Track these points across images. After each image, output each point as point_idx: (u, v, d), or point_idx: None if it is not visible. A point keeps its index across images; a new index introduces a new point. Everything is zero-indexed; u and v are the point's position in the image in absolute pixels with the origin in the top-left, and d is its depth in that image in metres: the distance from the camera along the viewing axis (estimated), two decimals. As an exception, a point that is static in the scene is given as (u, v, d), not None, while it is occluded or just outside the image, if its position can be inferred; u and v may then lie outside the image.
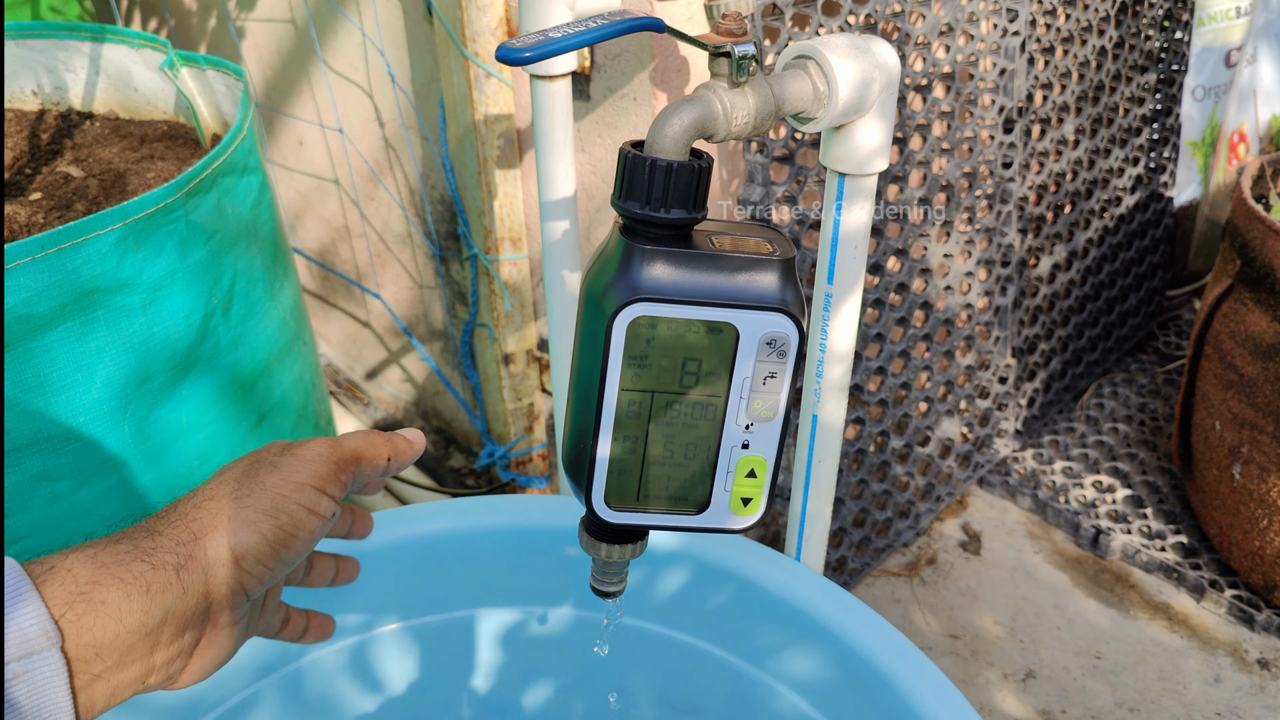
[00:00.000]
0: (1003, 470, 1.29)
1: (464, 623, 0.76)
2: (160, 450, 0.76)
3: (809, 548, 0.73)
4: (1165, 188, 1.45)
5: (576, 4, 0.67)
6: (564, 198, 0.74)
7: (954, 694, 0.62)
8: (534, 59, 0.40)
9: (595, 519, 0.43)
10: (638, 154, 0.39)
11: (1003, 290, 1.20)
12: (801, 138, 0.89)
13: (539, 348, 1.12)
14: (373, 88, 1.12)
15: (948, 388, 1.18)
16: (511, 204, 1.02)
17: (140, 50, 0.91)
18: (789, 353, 0.40)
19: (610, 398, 0.40)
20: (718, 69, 0.46)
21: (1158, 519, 1.22)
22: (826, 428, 0.69)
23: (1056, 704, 1.02)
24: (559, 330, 0.79)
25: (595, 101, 0.89)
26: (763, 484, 0.43)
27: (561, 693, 0.79)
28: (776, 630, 0.70)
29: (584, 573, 0.72)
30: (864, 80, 0.54)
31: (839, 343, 0.65)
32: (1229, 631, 1.09)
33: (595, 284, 0.39)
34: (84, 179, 0.85)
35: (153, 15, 1.37)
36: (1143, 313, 1.50)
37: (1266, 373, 1.02)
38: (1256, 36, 1.43)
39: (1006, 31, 1.06)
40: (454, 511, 0.75)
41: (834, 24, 0.86)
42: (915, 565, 1.17)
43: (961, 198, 1.08)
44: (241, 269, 0.81)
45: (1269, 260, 1.00)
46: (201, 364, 0.78)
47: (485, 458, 1.19)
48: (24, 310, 0.65)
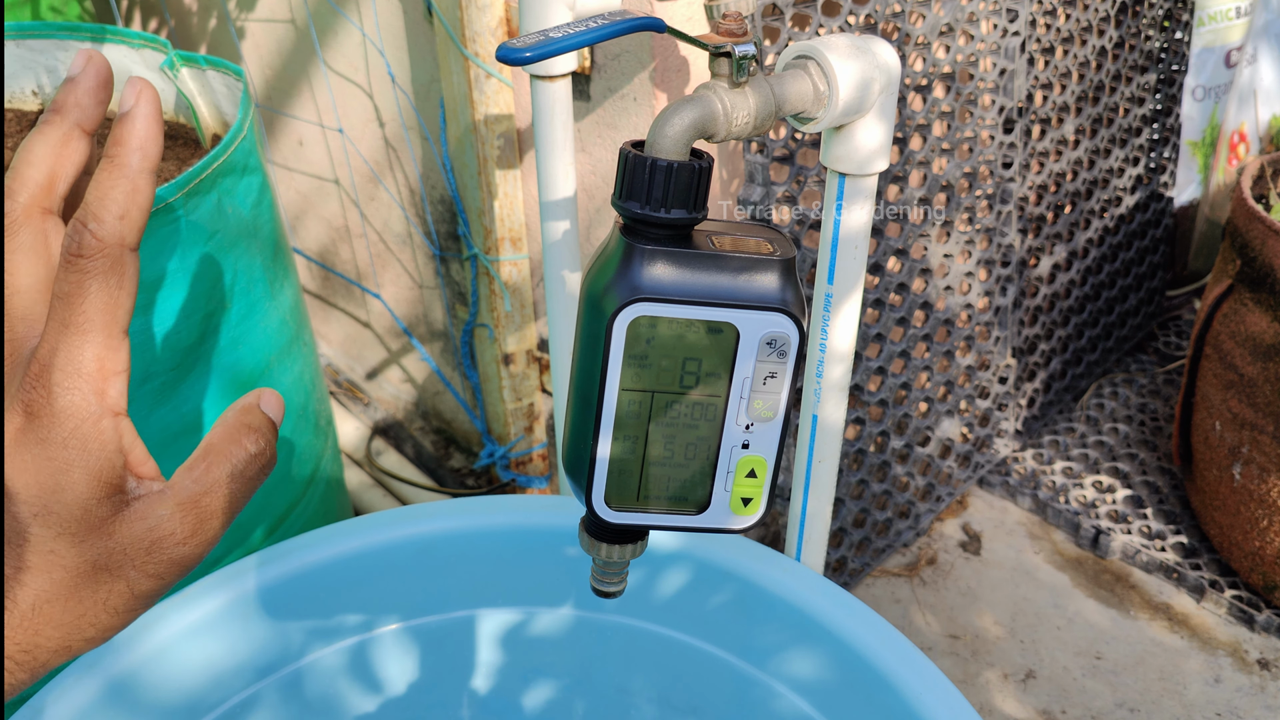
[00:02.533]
0: (1003, 470, 1.29)
1: (464, 623, 0.76)
2: (160, 450, 0.76)
3: (809, 548, 0.73)
4: (1165, 188, 1.45)
5: (576, 4, 0.67)
6: (564, 198, 0.74)
7: (954, 694, 0.62)
8: (534, 59, 0.40)
9: (595, 519, 0.43)
10: (638, 154, 0.39)
11: (1003, 290, 1.20)
12: (801, 138, 0.89)
13: (539, 348, 1.12)
14: (373, 88, 1.12)
15: (948, 388, 1.18)
16: (511, 204, 1.02)
17: (140, 50, 0.91)
18: (789, 353, 0.40)
19: (610, 398, 0.40)
20: (718, 69, 0.46)
21: (1158, 519, 1.22)
22: (826, 428, 0.69)
23: (1056, 704, 1.02)
24: (559, 330, 0.79)
25: (595, 101, 0.89)
26: (763, 484, 0.43)
27: (561, 693, 0.79)
28: (776, 630, 0.70)
29: (584, 573, 0.72)
30: (864, 80, 0.54)
31: (839, 343, 0.65)
32: (1229, 632, 1.09)
33: (595, 284, 0.39)
34: (84, 179, 0.85)
35: (153, 15, 1.37)
36: (1143, 313, 1.50)
37: (1266, 373, 1.02)
38: (1256, 36, 1.43)
39: (1006, 31, 1.06)
40: (454, 511, 0.75)
41: (834, 24, 0.86)
42: (915, 565, 1.17)
43: (961, 198, 1.08)
44: (241, 269, 0.81)
45: (1269, 260, 1.00)
46: (201, 364, 0.78)
47: (485, 458, 1.19)
48: (24, 310, 0.65)
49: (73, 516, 0.33)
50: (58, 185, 0.34)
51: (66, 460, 0.32)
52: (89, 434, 0.33)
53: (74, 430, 0.32)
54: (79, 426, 0.32)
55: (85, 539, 0.33)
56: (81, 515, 0.33)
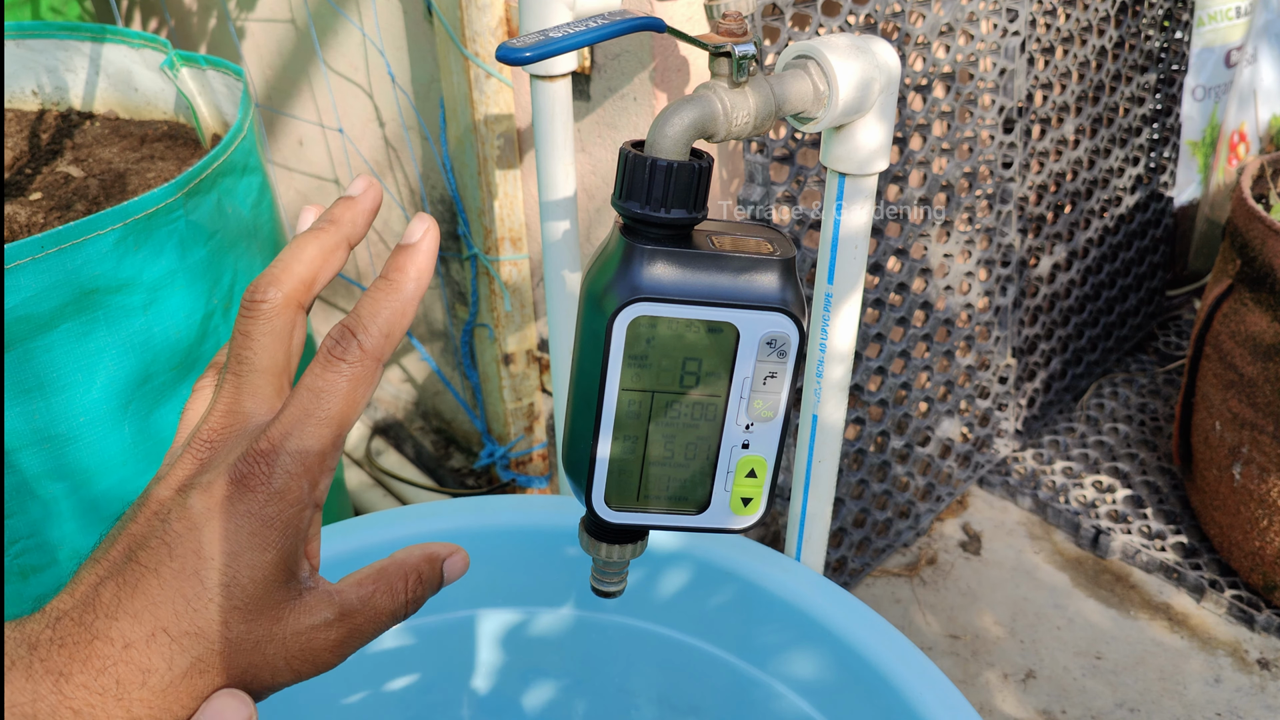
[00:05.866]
0: (1003, 470, 1.29)
1: (464, 623, 0.76)
2: (160, 450, 0.76)
3: (809, 548, 0.73)
4: (1165, 188, 1.45)
5: (576, 4, 0.67)
6: (564, 198, 0.74)
7: (954, 694, 0.62)
8: (534, 59, 0.40)
9: (595, 519, 0.43)
10: (638, 154, 0.39)
11: (1003, 290, 1.20)
12: (801, 138, 0.89)
13: (539, 348, 1.12)
14: (373, 88, 1.12)
15: (948, 388, 1.18)
16: (511, 204, 1.02)
17: (140, 50, 0.91)
18: (789, 353, 0.40)
19: (610, 398, 0.40)
20: (718, 69, 0.46)
21: (1158, 519, 1.22)
22: (826, 428, 0.69)
23: (1056, 704, 1.02)
24: (559, 330, 0.79)
25: (595, 101, 0.89)
26: (763, 484, 0.43)
27: (561, 693, 0.79)
28: (776, 630, 0.70)
29: (584, 573, 0.72)
30: (864, 80, 0.54)
31: (839, 343, 0.65)
32: (1229, 632, 1.09)
33: (595, 284, 0.39)
34: (84, 179, 0.85)
35: (153, 15, 1.37)
36: (1143, 313, 1.50)
37: (1266, 373, 1.02)
38: (1256, 36, 1.43)
39: (1006, 31, 1.06)
40: (454, 511, 0.75)
41: (834, 24, 0.86)
42: (915, 565, 1.17)
43: (961, 198, 1.08)
44: (242, 269, 0.81)
45: (1269, 260, 1.00)
46: (202, 364, 0.78)
47: (485, 458, 1.19)
48: (24, 310, 0.65)
49: (255, 594, 0.33)
50: (316, 286, 0.36)
51: (266, 539, 0.33)
52: (293, 519, 0.33)
53: (281, 512, 0.33)
54: (286, 510, 0.33)
55: (257, 619, 0.33)
56: (263, 594, 0.33)
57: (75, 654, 0.31)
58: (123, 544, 0.33)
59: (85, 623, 0.31)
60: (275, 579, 0.33)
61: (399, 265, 0.35)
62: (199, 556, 0.32)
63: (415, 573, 0.38)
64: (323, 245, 0.36)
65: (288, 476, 0.33)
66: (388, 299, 0.35)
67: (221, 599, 0.32)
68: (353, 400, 0.34)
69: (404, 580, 0.38)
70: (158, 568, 0.32)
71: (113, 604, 0.32)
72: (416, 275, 0.35)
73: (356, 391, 0.34)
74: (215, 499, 0.33)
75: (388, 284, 0.35)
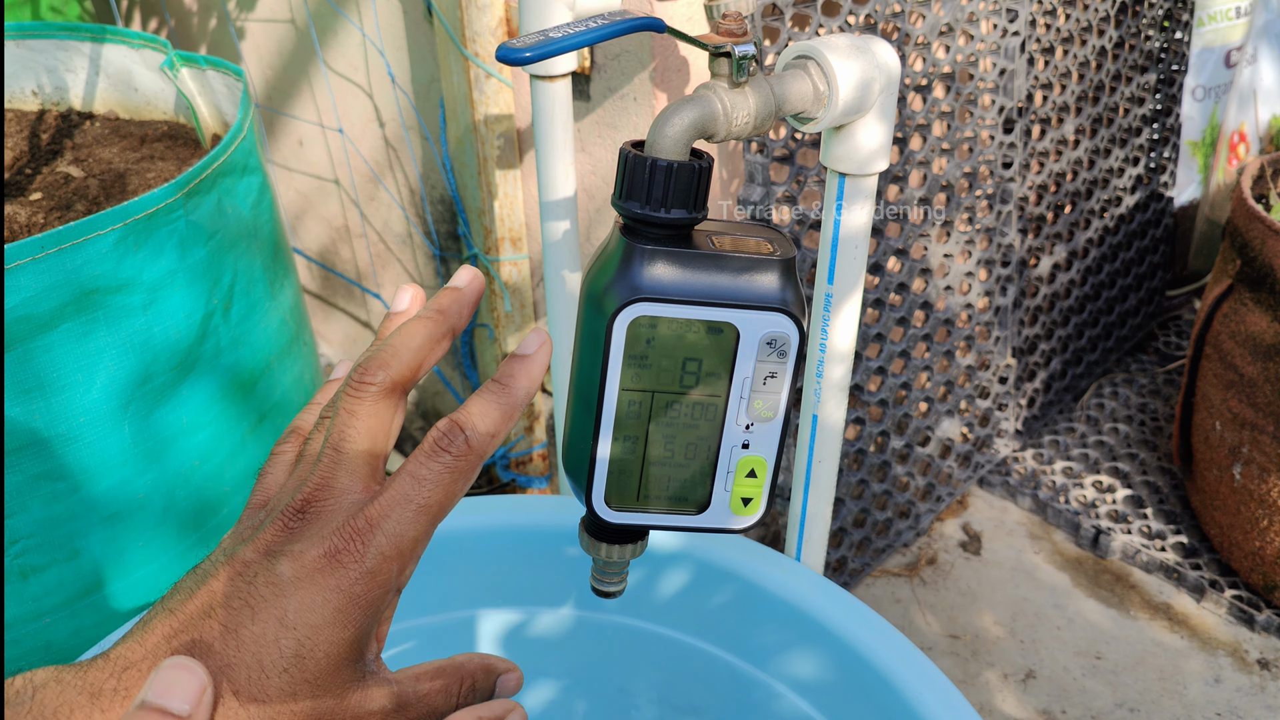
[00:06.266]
0: (1003, 470, 1.29)
1: (464, 623, 0.76)
2: (160, 450, 0.76)
3: (809, 548, 0.73)
4: (1165, 188, 1.45)
5: (576, 4, 0.67)
6: (564, 198, 0.74)
7: (954, 694, 0.62)
8: (534, 59, 0.40)
9: (595, 519, 0.43)
10: (638, 154, 0.39)
11: (1003, 290, 1.20)
12: (801, 138, 0.89)
13: (539, 348, 1.12)
14: (373, 88, 1.12)
15: (948, 388, 1.18)
16: (511, 204, 1.02)
17: (140, 50, 0.91)
18: (789, 353, 0.40)
19: (610, 398, 0.40)
20: (718, 69, 0.46)
21: (1158, 519, 1.22)
22: (826, 428, 0.69)
23: (1056, 704, 1.02)
24: (559, 330, 0.79)
25: (595, 101, 0.89)
26: (763, 484, 0.43)
27: (561, 693, 0.79)
28: (777, 630, 0.70)
29: (584, 573, 0.72)
30: (864, 80, 0.54)
31: (839, 343, 0.65)
32: (1229, 632, 1.09)
33: (595, 284, 0.39)
34: (84, 179, 0.85)
35: (153, 15, 1.37)
36: (1143, 313, 1.50)
37: (1266, 373, 1.02)
38: (1256, 36, 1.43)
39: (1006, 31, 1.06)
40: (454, 511, 0.74)
41: (834, 24, 0.86)
42: (915, 565, 1.17)
43: (961, 198, 1.09)
44: (242, 269, 0.81)
45: (1269, 260, 1.00)
46: (202, 364, 0.78)
47: (485, 458, 1.19)
48: (24, 310, 0.65)
49: (327, 669, 0.33)
50: (420, 372, 0.37)
51: (349, 616, 0.33)
52: (376, 600, 0.33)
53: (368, 591, 0.33)
54: (374, 590, 0.33)
55: (323, 695, 0.33)
56: (333, 671, 0.33)
57: None
58: (201, 599, 0.33)
59: None
60: (348, 658, 0.33)
61: (512, 373, 0.37)
62: (281, 624, 0.32)
63: (471, 679, 0.39)
64: (430, 334, 0.37)
65: (380, 558, 0.33)
66: (498, 401, 0.36)
67: (295, 670, 0.32)
68: (451, 492, 0.35)
69: (459, 685, 0.38)
70: (238, 629, 0.32)
71: None
72: (527, 384, 0.37)
73: (456, 484, 0.35)
74: (305, 569, 0.32)
75: (500, 388, 0.37)
